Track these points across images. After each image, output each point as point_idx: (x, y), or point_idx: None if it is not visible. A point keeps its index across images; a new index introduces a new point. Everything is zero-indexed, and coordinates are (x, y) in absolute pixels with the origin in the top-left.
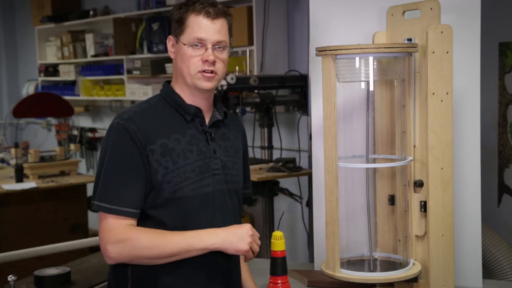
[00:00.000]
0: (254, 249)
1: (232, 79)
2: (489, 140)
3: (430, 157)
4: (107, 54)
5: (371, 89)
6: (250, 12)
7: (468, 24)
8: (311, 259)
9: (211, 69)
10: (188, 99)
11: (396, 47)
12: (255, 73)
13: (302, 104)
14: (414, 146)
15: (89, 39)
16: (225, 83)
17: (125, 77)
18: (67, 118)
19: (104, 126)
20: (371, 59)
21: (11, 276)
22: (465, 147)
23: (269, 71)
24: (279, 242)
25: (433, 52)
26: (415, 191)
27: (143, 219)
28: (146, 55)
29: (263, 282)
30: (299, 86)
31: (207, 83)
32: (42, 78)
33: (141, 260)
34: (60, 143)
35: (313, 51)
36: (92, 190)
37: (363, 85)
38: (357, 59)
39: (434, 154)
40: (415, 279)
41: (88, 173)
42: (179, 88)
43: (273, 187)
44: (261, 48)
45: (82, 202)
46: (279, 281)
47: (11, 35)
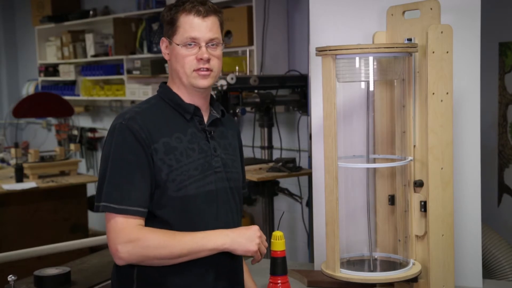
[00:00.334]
0: (262, 250)
1: (232, 79)
2: (489, 140)
3: (430, 157)
4: (107, 54)
5: (371, 89)
6: (250, 12)
7: (468, 24)
8: (311, 259)
9: (206, 66)
10: (186, 98)
11: (396, 47)
12: (255, 73)
13: (302, 104)
14: (414, 146)
15: (89, 39)
16: (225, 83)
17: (125, 77)
18: (67, 118)
19: (104, 126)
20: (371, 59)
21: (11, 276)
22: (465, 147)
23: (269, 71)
24: (279, 242)
25: (433, 52)
26: (415, 191)
27: (148, 219)
28: (146, 55)
29: (263, 282)
30: (299, 86)
31: (203, 81)
32: (42, 78)
33: (151, 260)
34: (60, 143)
35: (313, 51)
36: (92, 190)
37: (363, 85)
38: (357, 59)
39: (434, 154)
40: (415, 279)
41: (88, 173)
42: (176, 88)
43: (273, 187)
44: (261, 48)
45: (82, 202)
46: (279, 281)
47: (11, 35)
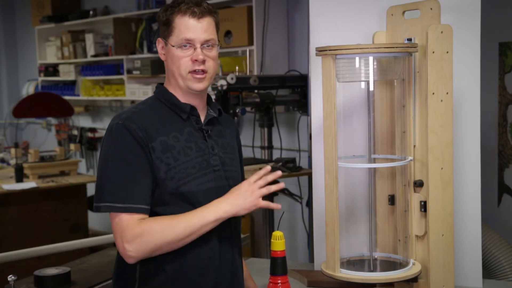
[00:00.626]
0: (263, 193)
1: (232, 79)
2: (489, 140)
3: (430, 157)
4: (107, 54)
5: (371, 89)
6: (250, 12)
7: (468, 24)
8: (311, 259)
9: (202, 68)
10: (182, 98)
11: (396, 47)
12: (255, 73)
13: (302, 104)
14: (414, 146)
15: (89, 39)
16: (225, 83)
17: (125, 77)
18: (67, 118)
19: (104, 126)
20: (371, 59)
21: (11, 276)
22: (465, 147)
23: (269, 71)
24: (279, 242)
25: (433, 52)
26: (415, 191)
27: (149, 217)
28: (146, 55)
29: (263, 282)
30: (299, 86)
31: (198, 85)
32: (42, 78)
33: (160, 248)
34: (60, 143)
35: (313, 51)
36: (92, 190)
37: (363, 85)
38: (357, 59)
39: (434, 154)
40: (415, 279)
41: (88, 173)
42: (172, 88)
43: None
44: (261, 48)
45: (82, 202)
46: (279, 281)
47: (11, 35)
